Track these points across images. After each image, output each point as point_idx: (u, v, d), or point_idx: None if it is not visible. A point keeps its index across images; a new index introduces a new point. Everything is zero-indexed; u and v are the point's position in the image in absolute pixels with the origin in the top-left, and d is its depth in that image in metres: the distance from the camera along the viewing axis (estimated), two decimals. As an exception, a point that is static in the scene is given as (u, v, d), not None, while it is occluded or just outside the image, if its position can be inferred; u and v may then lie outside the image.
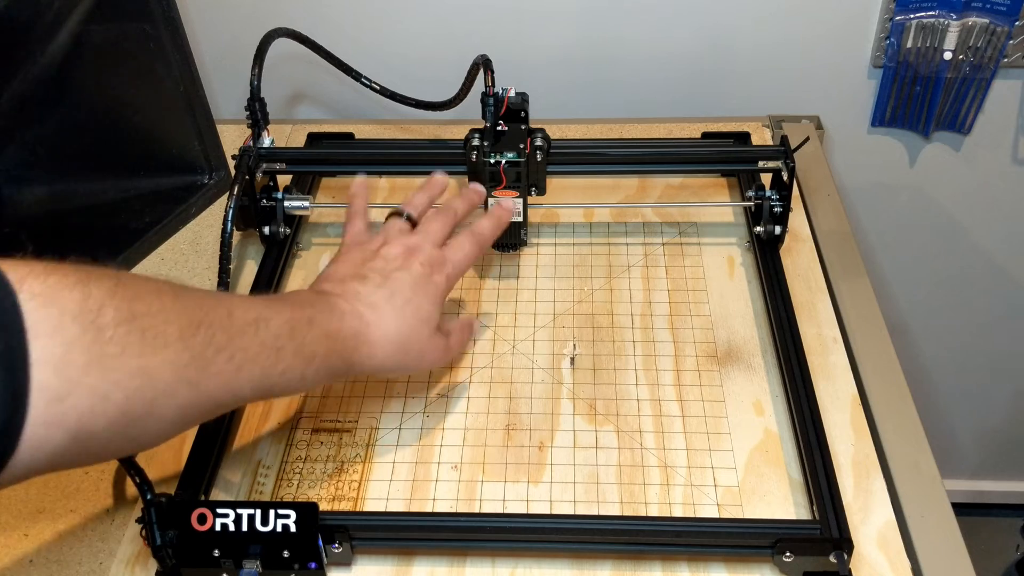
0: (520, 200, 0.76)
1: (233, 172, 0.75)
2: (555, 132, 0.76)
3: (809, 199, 0.87)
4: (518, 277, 0.79)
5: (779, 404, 0.67)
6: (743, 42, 0.98)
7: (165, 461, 0.65)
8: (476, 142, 0.73)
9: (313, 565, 0.56)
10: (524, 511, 0.61)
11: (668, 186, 0.88)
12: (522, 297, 0.77)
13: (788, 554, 0.56)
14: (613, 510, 0.61)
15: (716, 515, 0.60)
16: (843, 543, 0.55)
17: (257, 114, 0.76)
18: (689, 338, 0.72)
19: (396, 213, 0.66)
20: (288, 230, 0.80)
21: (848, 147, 1.06)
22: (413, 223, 0.65)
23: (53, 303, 0.39)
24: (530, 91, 0.73)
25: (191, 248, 0.84)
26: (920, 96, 0.99)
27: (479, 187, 0.71)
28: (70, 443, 0.40)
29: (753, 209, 0.80)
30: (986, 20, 0.93)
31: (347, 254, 0.62)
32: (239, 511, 0.55)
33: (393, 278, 0.59)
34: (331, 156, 0.86)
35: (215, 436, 0.64)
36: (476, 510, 0.61)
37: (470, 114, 0.76)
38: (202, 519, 0.55)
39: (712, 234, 0.82)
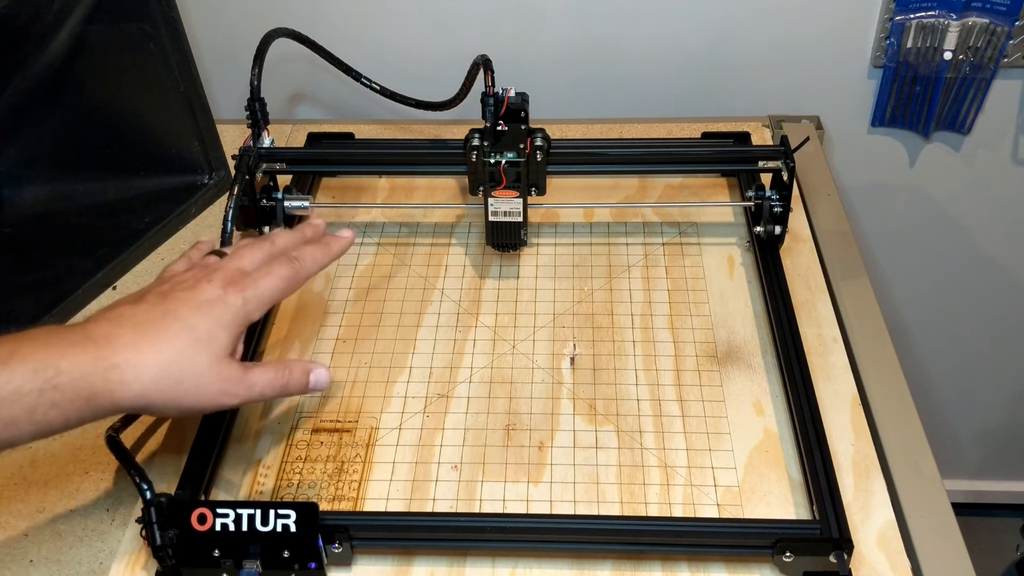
0: (520, 200, 0.76)
1: (233, 172, 0.75)
2: (555, 132, 0.76)
3: (809, 199, 0.87)
4: (518, 277, 0.79)
5: (779, 404, 0.67)
6: (743, 42, 0.98)
7: (165, 461, 0.65)
8: (476, 142, 0.73)
9: (313, 565, 0.56)
10: (524, 511, 0.61)
11: (668, 186, 0.88)
12: (522, 297, 0.77)
13: (788, 554, 0.56)
14: (613, 510, 0.61)
15: (716, 515, 0.60)
16: (843, 543, 0.55)
17: (257, 114, 0.76)
18: (689, 338, 0.72)
19: (214, 252, 0.60)
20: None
21: (848, 147, 1.06)
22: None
23: None
24: (530, 91, 0.73)
25: (191, 248, 0.84)
26: (920, 96, 0.99)
27: (318, 222, 0.63)
28: None
29: (753, 209, 0.80)
30: (986, 20, 0.93)
31: (146, 287, 0.56)
32: (239, 511, 0.55)
33: (172, 298, 0.52)
34: (331, 156, 0.86)
35: (215, 436, 0.64)
36: (476, 510, 0.61)
37: (470, 114, 0.76)
38: (202, 519, 0.55)
39: (712, 234, 0.82)
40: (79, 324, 0.50)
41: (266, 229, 0.78)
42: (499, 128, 0.72)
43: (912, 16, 0.93)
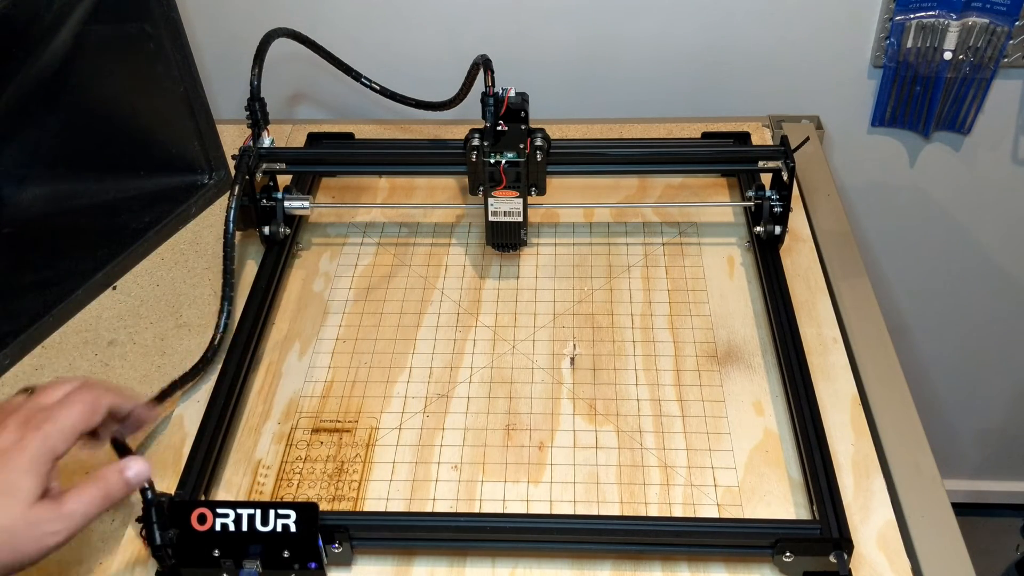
0: (520, 200, 0.76)
1: (233, 172, 0.75)
2: (555, 132, 0.76)
3: (809, 199, 0.87)
4: (518, 277, 0.79)
5: (779, 404, 0.67)
6: (743, 42, 0.98)
7: (165, 461, 0.65)
8: (476, 142, 0.73)
9: (313, 565, 0.56)
10: (524, 511, 0.61)
11: (668, 186, 0.88)
12: (522, 297, 0.77)
13: (788, 554, 0.56)
14: (613, 510, 0.61)
15: (716, 515, 0.60)
16: (843, 543, 0.55)
17: (257, 114, 0.76)
18: (689, 338, 0.72)
19: (23, 390, 0.56)
20: (288, 230, 0.80)
21: (848, 147, 1.06)
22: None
23: None
24: (530, 91, 0.73)
25: (191, 248, 0.84)
26: (920, 96, 0.99)
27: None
28: None
29: (753, 209, 0.80)
30: (986, 20, 0.92)
31: None
32: (239, 511, 0.55)
33: None
34: (331, 156, 0.86)
35: (215, 436, 0.64)
36: (476, 510, 0.61)
37: (470, 114, 0.76)
38: (202, 519, 0.55)
39: (712, 234, 0.82)
40: None
41: (266, 230, 0.78)
42: (499, 128, 0.72)
43: (912, 16, 0.93)
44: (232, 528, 0.54)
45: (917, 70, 0.97)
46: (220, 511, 0.55)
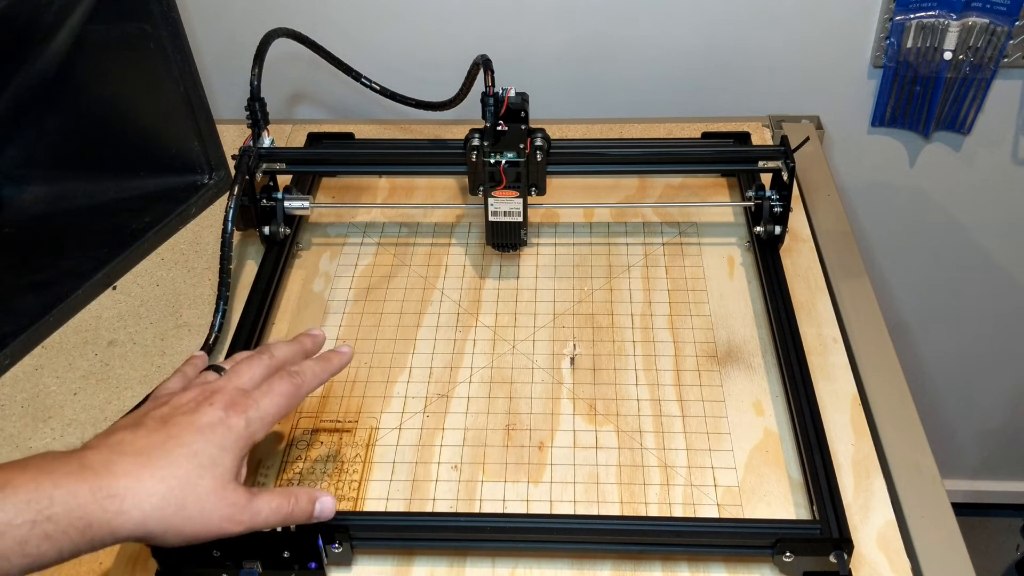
0: (520, 200, 0.76)
1: (233, 172, 0.75)
2: (555, 132, 0.76)
3: (809, 199, 0.87)
4: (518, 277, 0.79)
5: (779, 404, 0.67)
6: (743, 42, 0.98)
7: (165, 461, 0.65)
8: (476, 142, 0.73)
9: (313, 565, 0.56)
10: (524, 511, 0.61)
11: (668, 186, 0.88)
12: (522, 297, 0.77)
13: (788, 554, 0.56)
14: (613, 510, 0.61)
15: (716, 515, 0.60)
16: (843, 543, 0.55)
17: (257, 114, 0.76)
18: (689, 338, 0.72)
19: (211, 367, 0.58)
20: (288, 230, 0.80)
21: (848, 147, 1.06)
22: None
23: None
24: (530, 91, 0.73)
25: (191, 248, 0.84)
26: (920, 96, 0.99)
27: (317, 332, 0.62)
28: None
29: (753, 209, 0.80)
30: (986, 20, 0.93)
31: (142, 407, 0.54)
32: (239, 511, 0.55)
33: (173, 423, 0.50)
34: (331, 156, 0.86)
35: (215, 436, 0.64)
36: (476, 510, 0.61)
37: (470, 114, 0.76)
38: (202, 519, 0.55)
39: (712, 234, 0.82)
40: (76, 451, 0.48)
41: (266, 230, 0.78)
42: (499, 128, 0.72)
43: (912, 16, 0.93)
44: (232, 528, 0.54)
45: (917, 70, 0.97)
46: (220, 511, 0.55)
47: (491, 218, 0.77)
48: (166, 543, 0.48)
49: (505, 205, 0.76)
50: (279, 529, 0.54)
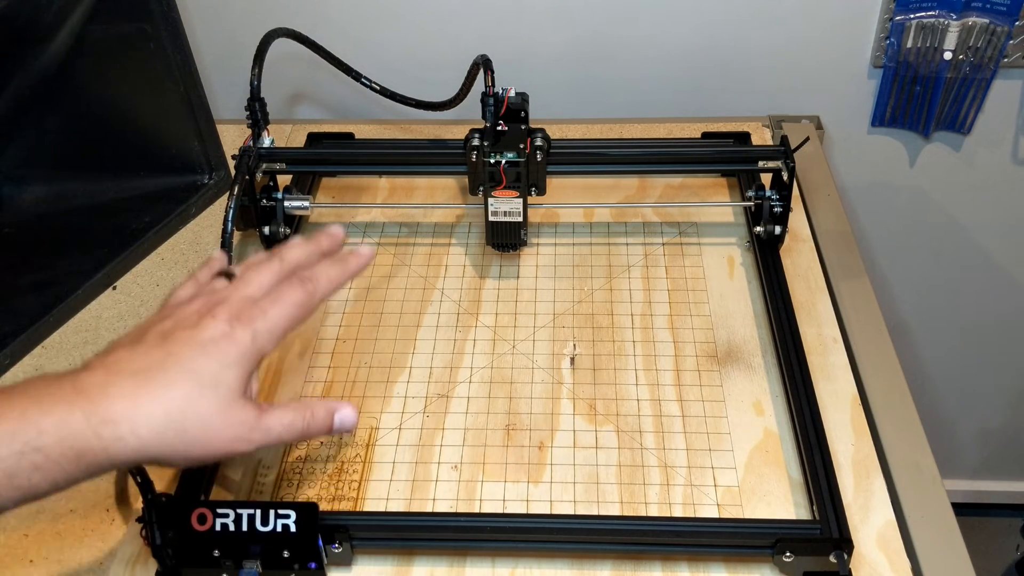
0: (520, 200, 0.76)
1: (233, 172, 0.75)
2: (555, 132, 0.76)
3: (809, 199, 0.87)
4: (518, 277, 0.79)
5: (779, 404, 0.67)
6: (743, 42, 0.98)
7: (165, 461, 0.65)
8: (476, 142, 0.73)
9: (313, 565, 0.56)
10: (524, 511, 0.61)
11: (668, 186, 0.88)
12: (522, 297, 0.77)
13: (788, 554, 0.56)
14: (613, 510, 0.61)
15: (716, 515, 0.60)
16: (843, 543, 0.55)
17: (257, 114, 0.76)
18: (689, 338, 0.72)
19: (222, 273, 0.54)
20: (288, 230, 0.80)
21: (848, 147, 1.06)
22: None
23: None
24: (530, 91, 0.73)
25: (191, 248, 0.84)
26: (920, 96, 0.99)
27: (336, 229, 0.57)
28: None
29: (753, 209, 0.80)
30: (986, 20, 0.92)
31: (147, 320, 0.51)
32: (239, 511, 0.55)
33: (173, 339, 0.47)
34: (331, 156, 0.86)
35: (215, 436, 0.64)
36: (476, 510, 0.61)
37: (470, 114, 0.76)
38: (202, 519, 0.55)
39: (712, 234, 0.82)
40: (71, 373, 0.45)
41: (266, 230, 0.78)
42: (499, 128, 0.72)
43: (912, 16, 0.93)
44: (232, 528, 0.54)
45: (917, 70, 0.97)
46: (220, 511, 0.55)
47: (491, 218, 0.77)
48: (173, 465, 0.47)
49: (505, 205, 0.76)
50: (279, 529, 0.54)
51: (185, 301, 0.51)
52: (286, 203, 0.80)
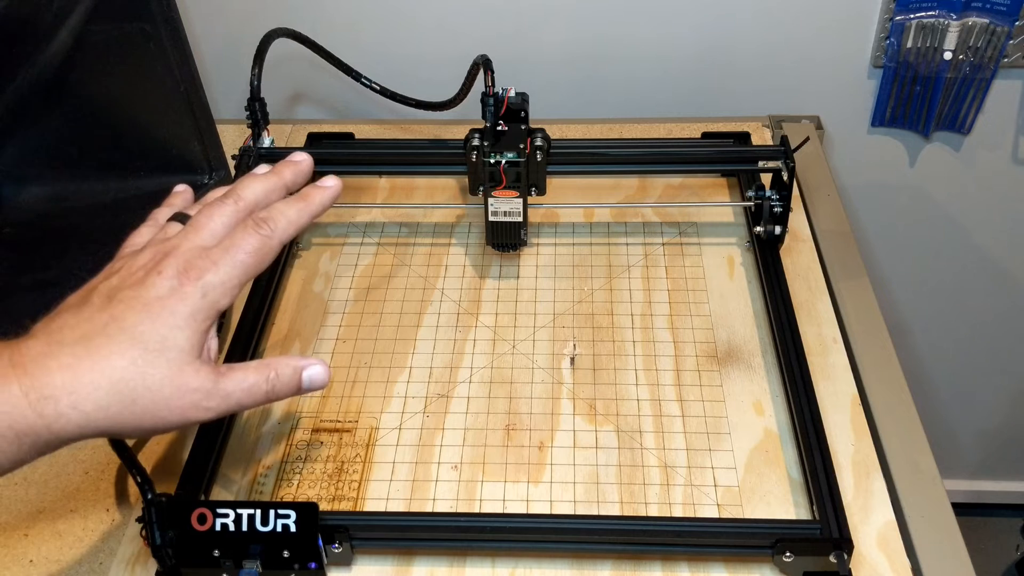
0: (520, 200, 0.76)
1: (233, 172, 0.75)
2: (555, 132, 0.76)
3: (809, 199, 0.87)
4: (518, 277, 0.79)
5: (779, 404, 0.67)
6: (743, 42, 0.98)
7: (165, 461, 0.65)
8: (476, 142, 0.73)
9: (313, 565, 0.56)
10: (524, 511, 0.61)
11: (668, 186, 0.88)
12: (522, 297, 0.77)
13: (788, 554, 0.56)
14: (613, 510, 0.61)
15: (716, 515, 0.60)
16: (843, 543, 0.55)
17: (257, 114, 0.76)
18: (689, 338, 0.72)
19: (177, 216, 0.49)
20: (288, 230, 0.80)
21: (848, 147, 1.06)
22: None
23: None
24: (530, 91, 0.73)
25: (191, 248, 0.84)
26: (920, 96, 0.99)
27: (301, 157, 0.52)
28: None
29: (753, 209, 0.80)
30: (986, 20, 0.93)
31: (100, 274, 0.47)
32: (239, 511, 0.55)
33: (117, 299, 0.43)
34: (331, 156, 0.86)
35: (215, 436, 0.64)
36: (476, 510, 0.61)
37: (470, 114, 0.76)
38: (202, 519, 0.55)
39: (712, 234, 0.82)
40: (12, 342, 0.42)
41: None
42: (499, 128, 0.72)
43: (912, 16, 0.93)
44: (232, 528, 0.54)
45: (917, 70, 0.97)
46: (220, 511, 0.55)
47: (491, 218, 0.77)
48: (124, 437, 0.43)
49: (505, 205, 0.76)
50: (279, 529, 0.54)
51: (137, 249, 0.47)
52: (286, 203, 0.79)
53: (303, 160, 0.51)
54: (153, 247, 0.46)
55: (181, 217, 0.48)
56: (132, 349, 0.42)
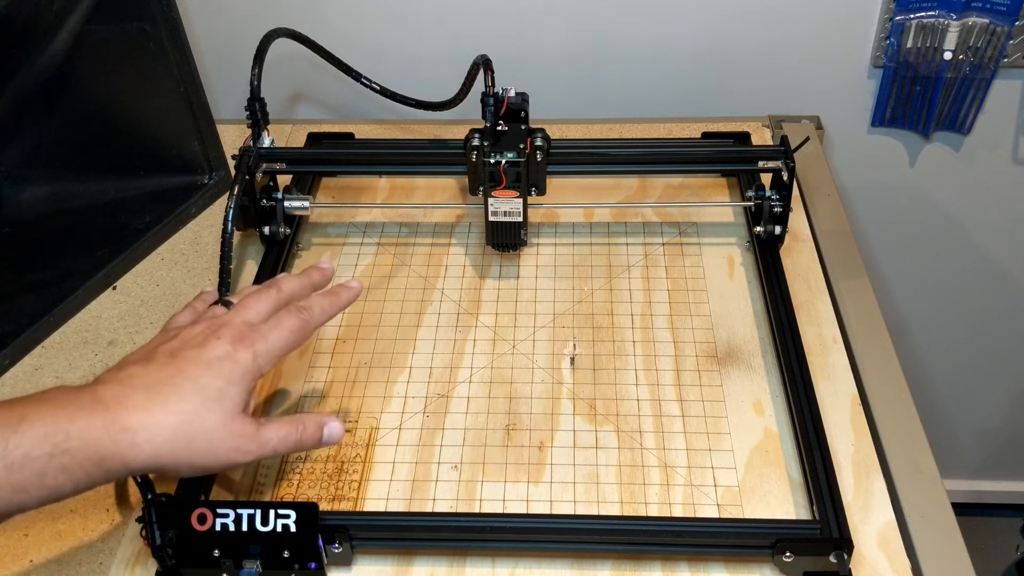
0: (520, 200, 0.76)
1: (233, 172, 0.75)
2: (555, 132, 0.76)
3: (809, 199, 0.87)
4: (518, 277, 0.79)
5: (779, 404, 0.67)
6: (743, 42, 0.98)
7: (165, 461, 0.65)
8: (476, 142, 0.73)
9: (313, 565, 0.56)
10: (524, 511, 0.61)
11: (668, 186, 0.88)
12: (522, 297, 0.77)
13: (788, 554, 0.56)
14: (613, 510, 0.61)
15: (716, 515, 0.60)
16: (843, 543, 0.55)
17: (257, 114, 0.76)
18: (689, 338, 0.72)
19: (219, 302, 0.60)
20: (288, 230, 0.80)
21: (848, 147, 1.06)
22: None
23: None
24: (530, 91, 0.73)
25: (191, 248, 0.84)
26: (920, 96, 0.99)
27: (326, 264, 0.63)
28: None
29: (753, 209, 0.80)
30: (986, 20, 0.93)
31: (152, 341, 0.56)
32: (239, 511, 0.55)
33: (181, 357, 0.52)
34: (331, 156, 0.86)
35: (215, 436, 0.64)
36: (476, 510, 0.61)
37: (470, 114, 0.76)
38: (202, 519, 0.55)
39: (712, 234, 0.82)
40: (89, 386, 0.49)
41: (266, 230, 0.78)
42: (499, 128, 0.72)
43: (912, 16, 0.93)
44: (232, 528, 0.54)
45: (917, 70, 0.97)
46: (220, 511, 0.55)
47: (491, 218, 0.77)
48: (178, 474, 0.51)
49: (505, 205, 0.76)
50: (279, 529, 0.54)
51: (185, 325, 0.56)
52: (286, 203, 0.80)
53: (327, 268, 0.63)
54: (206, 321, 0.55)
55: (225, 303, 0.59)
56: (196, 397, 0.50)
